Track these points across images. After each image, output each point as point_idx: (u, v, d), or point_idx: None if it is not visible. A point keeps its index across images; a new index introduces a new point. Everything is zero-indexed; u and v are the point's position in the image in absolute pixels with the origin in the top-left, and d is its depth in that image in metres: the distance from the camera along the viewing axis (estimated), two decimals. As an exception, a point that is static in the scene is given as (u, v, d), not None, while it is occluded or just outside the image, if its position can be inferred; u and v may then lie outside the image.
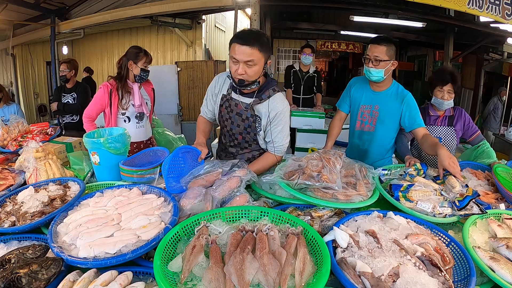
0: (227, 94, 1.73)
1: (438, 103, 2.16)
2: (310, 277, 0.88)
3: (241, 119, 1.71)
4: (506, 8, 3.42)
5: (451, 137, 2.20)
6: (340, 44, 10.72)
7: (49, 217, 1.19)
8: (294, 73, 4.27)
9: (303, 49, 4.19)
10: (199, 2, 5.00)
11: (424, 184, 1.47)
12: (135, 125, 2.44)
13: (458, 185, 1.42)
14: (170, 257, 0.96)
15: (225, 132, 1.85)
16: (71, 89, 3.67)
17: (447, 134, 2.20)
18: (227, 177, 1.41)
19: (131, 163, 1.68)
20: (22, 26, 6.19)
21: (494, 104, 6.42)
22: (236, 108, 1.71)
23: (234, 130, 1.77)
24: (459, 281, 0.96)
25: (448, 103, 2.12)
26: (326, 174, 1.36)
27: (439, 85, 2.13)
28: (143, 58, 2.36)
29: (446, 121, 2.21)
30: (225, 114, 1.76)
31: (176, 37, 6.71)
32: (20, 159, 1.66)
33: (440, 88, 2.12)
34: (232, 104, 1.72)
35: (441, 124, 2.22)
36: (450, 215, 1.28)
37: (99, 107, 2.34)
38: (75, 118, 3.68)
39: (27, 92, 7.27)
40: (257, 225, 1.06)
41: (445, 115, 2.22)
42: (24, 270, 0.87)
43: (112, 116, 2.34)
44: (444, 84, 2.10)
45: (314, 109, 3.98)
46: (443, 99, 2.12)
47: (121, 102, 2.33)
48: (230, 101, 1.72)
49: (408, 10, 5.75)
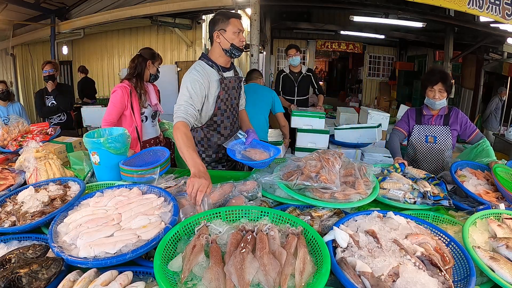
0: (221, 77, 1.86)
1: (431, 103, 2.18)
2: (310, 277, 0.88)
3: (235, 91, 1.97)
4: (506, 8, 3.42)
5: (446, 136, 2.21)
6: (340, 44, 10.74)
7: (49, 217, 1.19)
8: (285, 77, 4.17)
9: (288, 51, 4.07)
10: (199, 2, 5.00)
11: (397, 178, 1.63)
12: (151, 124, 2.49)
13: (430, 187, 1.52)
14: (170, 257, 0.96)
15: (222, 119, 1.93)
16: (53, 90, 3.68)
17: (441, 133, 2.22)
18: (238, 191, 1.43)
19: (131, 163, 1.68)
20: (22, 26, 6.19)
21: (495, 104, 6.42)
22: (230, 84, 1.92)
23: (233, 105, 1.97)
24: (459, 281, 0.96)
25: (440, 102, 2.14)
26: (324, 174, 1.36)
27: (429, 86, 2.15)
28: (158, 59, 2.50)
29: (442, 121, 2.23)
30: (225, 95, 1.89)
31: (176, 37, 6.71)
32: (20, 159, 1.66)
33: (431, 88, 2.14)
34: (227, 83, 1.90)
35: (435, 123, 2.24)
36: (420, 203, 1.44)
37: (119, 110, 2.26)
38: (62, 118, 3.71)
39: (27, 92, 7.28)
40: (257, 225, 1.06)
41: (439, 114, 2.23)
42: (25, 270, 0.87)
43: (136, 115, 2.33)
44: (434, 83, 2.12)
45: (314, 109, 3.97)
46: (435, 98, 2.13)
47: (141, 101, 2.35)
48: (225, 80, 1.88)
49: (408, 10, 5.76)
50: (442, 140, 2.22)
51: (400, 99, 9.64)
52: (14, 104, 3.84)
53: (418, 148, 2.27)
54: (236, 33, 1.80)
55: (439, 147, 2.23)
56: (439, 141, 2.22)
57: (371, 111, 3.84)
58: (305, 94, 4.26)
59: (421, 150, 2.27)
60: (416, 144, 2.28)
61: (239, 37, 1.82)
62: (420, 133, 2.26)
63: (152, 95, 2.43)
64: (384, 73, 11.18)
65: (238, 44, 1.82)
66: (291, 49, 4.05)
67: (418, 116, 2.28)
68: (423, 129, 2.26)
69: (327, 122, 3.67)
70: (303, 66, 4.25)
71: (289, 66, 4.19)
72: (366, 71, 11.18)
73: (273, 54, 10.86)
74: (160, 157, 1.80)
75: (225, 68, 1.90)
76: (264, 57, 8.33)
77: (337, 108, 4.51)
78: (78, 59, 7.53)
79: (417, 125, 2.27)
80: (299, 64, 4.16)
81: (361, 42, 10.57)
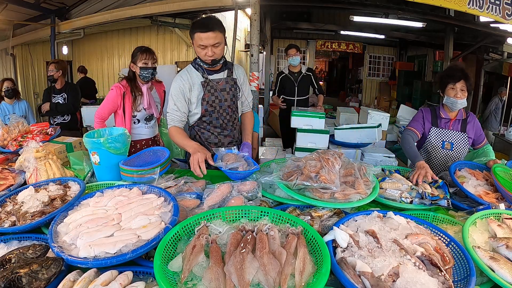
0: (205, 80, 1.87)
1: (451, 103, 1.95)
2: (310, 277, 0.88)
3: (226, 92, 1.92)
4: (506, 8, 3.42)
5: (463, 144, 2.01)
6: (340, 44, 10.74)
7: (49, 217, 1.19)
8: (284, 78, 4.17)
9: (288, 51, 4.08)
10: (199, 2, 5.00)
11: (398, 179, 1.63)
12: (144, 126, 2.46)
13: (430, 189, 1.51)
14: (170, 257, 0.96)
15: (211, 119, 1.93)
16: (60, 89, 3.68)
17: (459, 140, 2.01)
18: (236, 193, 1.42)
19: (131, 163, 1.68)
20: (22, 26, 6.18)
21: (495, 104, 6.42)
22: (218, 85, 1.89)
23: (223, 106, 1.93)
24: (459, 281, 0.96)
25: (461, 102, 1.93)
26: (324, 174, 1.36)
27: (451, 83, 1.93)
28: (139, 56, 2.32)
29: (459, 126, 2.02)
30: (210, 97, 1.89)
31: (176, 37, 6.71)
32: (20, 159, 1.66)
33: (453, 86, 1.93)
34: (214, 84, 1.88)
35: (453, 128, 2.02)
36: (417, 203, 1.43)
37: (111, 108, 2.33)
38: (66, 118, 3.70)
39: (27, 92, 7.27)
40: (257, 225, 1.06)
41: (457, 118, 2.02)
42: (25, 270, 0.87)
43: (126, 118, 2.34)
44: (456, 80, 1.92)
45: (314, 109, 3.97)
46: (456, 97, 1.92)
47: (135, 104, 2.34)
48: (210, 83, 1.87)
49: (408, 10, 5.76)
50: (458, 148, 2.01)
51: (400, 99, 9.64)
52: (20, 102, 3.83)
53: (433, 154, 2.05)
54: (201, 47, 1.72)
55: (455, 155, 2.01)
56: (456, 148, 2.01)
57: (371, 111, 3.83)
58: (305, 94, 4.26)
59: (436, 156, 2.04)
60: (431, 149, 2.05)
61: (205, 51, 1.72)
62: (437, 137, 2.02)
63: (145, 98, 2.36)
64: (384, 73, 11.18)
65: (203, 58, 1.77)
66: (291, 49, 4.06)
67: (434, 118, 2.05)
68: (440, 133, 2.02)
69: (327, 122, 3.66)
70: (303, 66, 4.26)
71: (289, 66, 4.20)
72: (366, 71, 11.18)
73: (273, 54, 10.86)
74: (160, 157, 1.80)
75: (211, 71, 1.88)
76: (264, 57, 8.33)
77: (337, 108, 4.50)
78: (78, 59, 7.53)
79: (433, 128, 2.04)
80: (299, 64, 4.17)
81: (361, 42, 10.57)
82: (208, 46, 1.71)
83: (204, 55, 1.75)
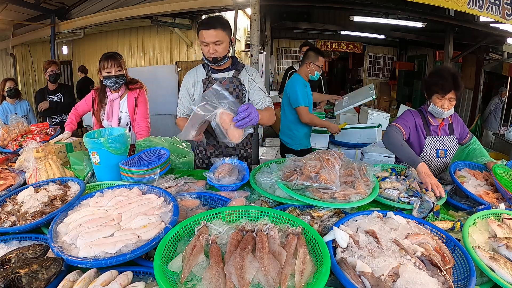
0: (208, 77, 1.91)
1: (437, 113, 1.83)
2: (310, 277, 0.88)
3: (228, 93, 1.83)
4: (506, 8, 3.42)
5: (454, 147, 1.96)
6: (340, 44, 10.74)
7: (49, 217, 1.19)
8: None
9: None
10: (199, 2, 5.00)
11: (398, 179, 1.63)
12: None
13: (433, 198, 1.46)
14: (170, 257, 0.96)
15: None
16: (54, 90, 3.70)
17: (450, 145, 1.95)
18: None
19: (131, 163, 1.68)
20: (22, 26, 6.18)
21: (495, 104, 6.43)
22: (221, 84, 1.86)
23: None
24: (459, 281, 0.96)
25: (448, 112, 1.81)
26: (324, 174, 1.36)
27: (439, 93, 1.77)
28: (102, 64, 2.16)
29: (447, 130, 1.95)
30: None
31: (176, 37, 6.71)
32: (20, 159, 1.66)
33: (440, 97, 1.78)
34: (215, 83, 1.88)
35: (443, 133, 1.94)
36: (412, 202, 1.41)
37: (85, 108, 2.41)
38: (65, 118, 3.70)
39: (27, 92, 7.26)
40: (257, 225, 1.06)
41: (445, 123, 1.95)
42: (24, 270, 0.87)
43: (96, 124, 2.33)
44: (445, 93, 1.75)
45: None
46: (443, 108, 1.79)
47: (99, 113, 2.29)
48: (214, 81, 1.88)
49: (408, 10, 5.76)
50: (451, 153, 1.95)
51: (400, 99, 9.66)
52: (22, 102, 3.84)
53: (430, 164, 1.95)
54: (204, 44, 1.78)
55: (448, 161, 1.95)
56: (449, 154, 1.94)
57: (371, 111, 3.84)
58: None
59: (431, 166, 1.95)
60: (426, 159, 1.94)
61: (207, 48, 1.77)
62: (431, 146, 1.93)
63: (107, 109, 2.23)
64: (384, 73, 11.19)
65: (206, 55, 1.81)
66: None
67: (425, 125, 1.93)
68: (433, 141, 1.92)
69: (327, 122, 3.65)
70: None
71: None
72: (366, 71, 11.19)
73: (273, 54, 10.86)
74: (160, 157, 1.80)
75: (216, 70, 1.91)
76: (264, 57, 8.33)
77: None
78: (78, 59, 7.52)
79: (428, 137, 1.92)
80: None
81: (361, 42, 10.57)
82: (210, 43, 1.76)
83: (207, 52, 1.79)
